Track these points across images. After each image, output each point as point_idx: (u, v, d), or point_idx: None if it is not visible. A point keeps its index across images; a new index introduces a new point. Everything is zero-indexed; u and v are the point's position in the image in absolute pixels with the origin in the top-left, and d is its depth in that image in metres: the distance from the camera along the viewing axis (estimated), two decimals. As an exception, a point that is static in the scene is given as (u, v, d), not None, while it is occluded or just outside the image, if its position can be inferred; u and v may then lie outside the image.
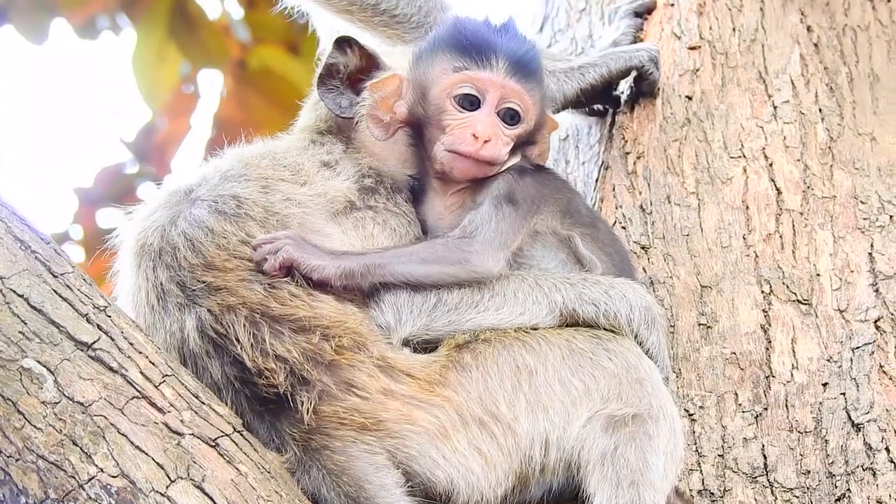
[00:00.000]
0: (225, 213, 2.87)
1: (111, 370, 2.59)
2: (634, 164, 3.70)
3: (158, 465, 2.54)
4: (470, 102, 3.02)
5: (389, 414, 2.75)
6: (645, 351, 2.92)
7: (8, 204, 2.70)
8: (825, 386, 3.21)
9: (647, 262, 3.48)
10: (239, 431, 2.69)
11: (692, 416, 3.20)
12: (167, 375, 2.65)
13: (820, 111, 3.75)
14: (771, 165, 3.62)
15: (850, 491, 3.03)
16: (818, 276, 3.41)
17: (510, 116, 3.04)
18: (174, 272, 2.82)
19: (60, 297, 2.62)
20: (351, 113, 3.15)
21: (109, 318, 2.65)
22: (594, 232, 3.11)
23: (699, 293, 3.41)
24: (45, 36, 7.73)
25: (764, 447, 3.13)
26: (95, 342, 2.60)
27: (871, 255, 3.43)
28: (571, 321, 2.93)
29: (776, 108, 3.75)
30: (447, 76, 3.04)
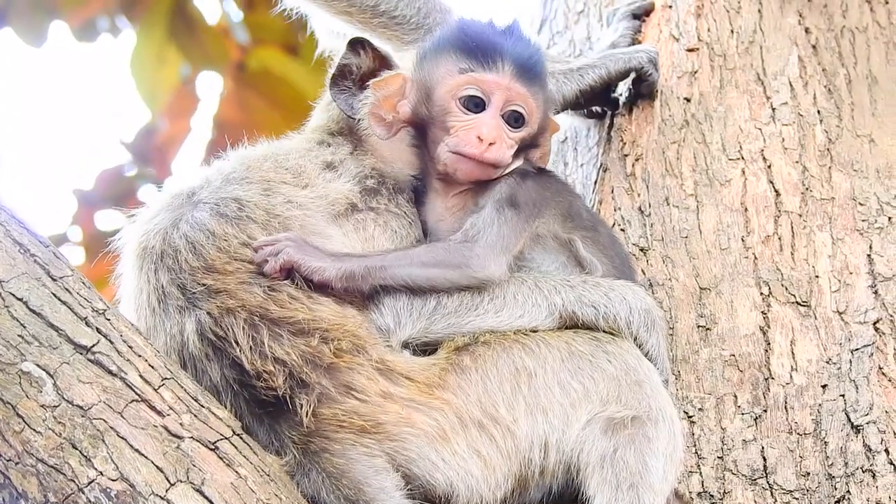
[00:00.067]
0: (226, 215, 2.87)
1: (110, 373, 2.59)
2: (633, 165, 3.69)
3: (158, 468, 2.54)
4: (475, 104, 3.02)
5: (388, 417, 2.74)
6: (644, 353, 2.92)
7: (7, 207, 2.70)
8: (824, 388, 3.21)
9: (645, 264, 3.47)
10: (238, 434, 2.69)
11: (691, 418, 3.19)
12: (166, 378, 2.65)
13: (818, 113, 3.75)
14: (769, 167, 3.62)
15: (849, 493, 3.03)
16: (817, 277, 3.40)
17: (515, 119, 3.04)
18: (175, 275, 2.82)
19: (59, 300, 2.61)
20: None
21: (109, 321, 2.65)
22: (595, 235, 3.11)
23: (698, 295, 3.40)
24: (44, 38, 7.72)
25: (763, 449, 3.13)
26: (95, 345, 2.60)
27: (869, 256, 3.43)
28: (571, 323, 2.92)
29: (774, 109, 3.74)
30: (452, 77, 3.03)
